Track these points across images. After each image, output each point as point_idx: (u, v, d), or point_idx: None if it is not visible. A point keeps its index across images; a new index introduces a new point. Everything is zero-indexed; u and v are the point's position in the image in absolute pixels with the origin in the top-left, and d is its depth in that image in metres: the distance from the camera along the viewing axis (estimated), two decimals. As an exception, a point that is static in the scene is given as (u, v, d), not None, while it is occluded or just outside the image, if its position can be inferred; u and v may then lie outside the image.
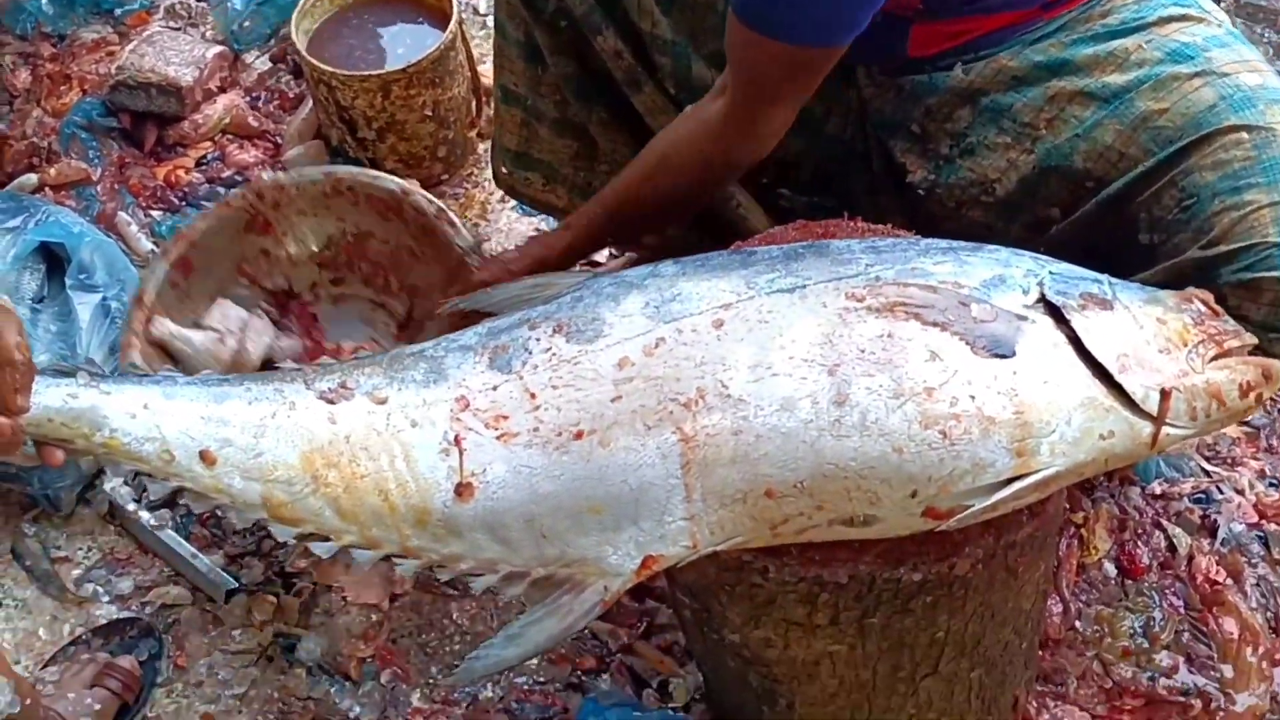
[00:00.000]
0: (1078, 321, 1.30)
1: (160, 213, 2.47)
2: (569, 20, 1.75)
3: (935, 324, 1.28)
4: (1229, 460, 2.02)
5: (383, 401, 1.34)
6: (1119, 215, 1.56)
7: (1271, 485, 2.00)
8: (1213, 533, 1.94)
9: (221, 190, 2.50)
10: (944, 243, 1.41)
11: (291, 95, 2.65)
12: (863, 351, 1.27)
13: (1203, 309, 1.37)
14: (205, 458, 1.30)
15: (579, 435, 1.29)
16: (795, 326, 1.29)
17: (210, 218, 1.96)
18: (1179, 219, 1.49)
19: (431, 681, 1.91)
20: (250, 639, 1.95)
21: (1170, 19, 1.57)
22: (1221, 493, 1.98)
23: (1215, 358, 1.31)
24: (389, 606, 1.97)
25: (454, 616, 1.97)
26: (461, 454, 1.31)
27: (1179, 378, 1.29)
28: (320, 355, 1.94)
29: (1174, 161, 1.50)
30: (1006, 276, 1.34)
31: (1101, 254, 1.47)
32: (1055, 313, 1.31)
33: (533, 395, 1.32)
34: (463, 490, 1.30)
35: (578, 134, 1.89)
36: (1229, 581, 1.88)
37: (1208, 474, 1.99)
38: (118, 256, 2.18)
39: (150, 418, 1.30)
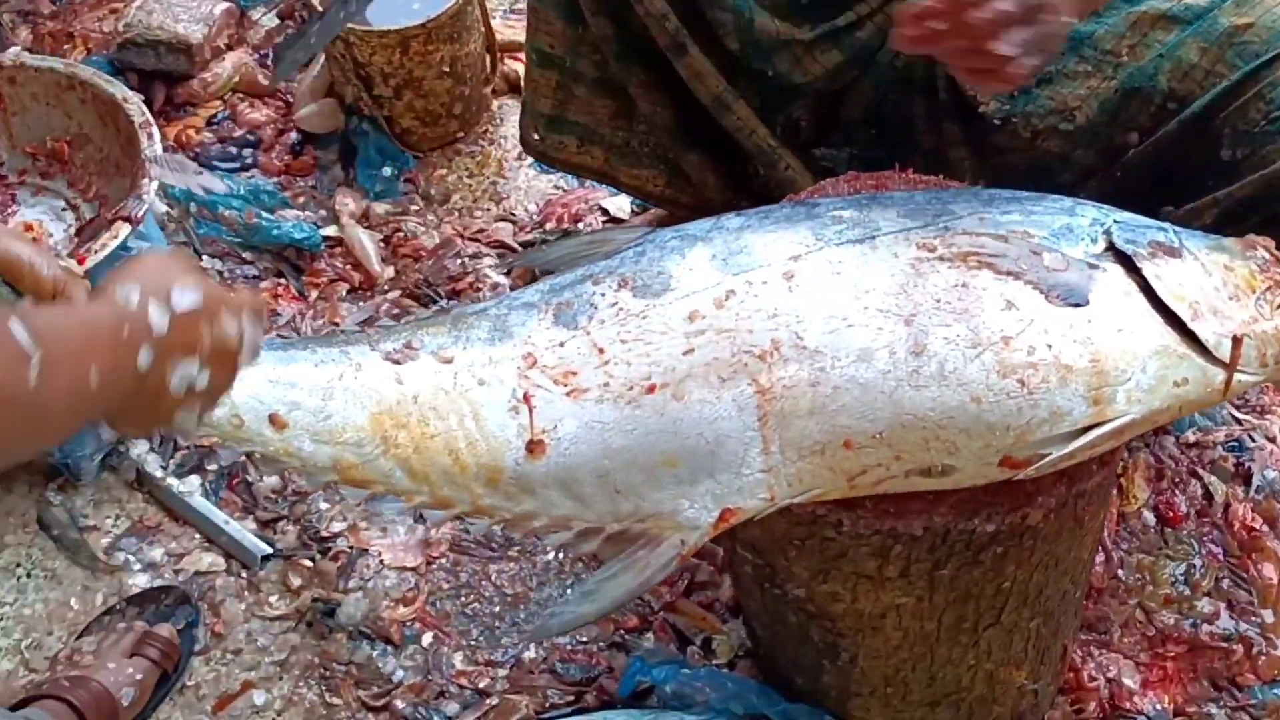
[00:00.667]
0: (1148, 269, 1.31)
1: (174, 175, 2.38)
2: None
3: (1009, 273, 1.28)
4: (1259, 409, 2.03)
5: (449, 361, 1.32)
6: (1201, 134, 1.57)
7: (1302, 431, 2.02)
8: (1247, 480, 1.95)
9: (234, 150, 2.46)
10: (1008, 192, 1.41)
11: None
12: (938, 301, 1.27)
13: (1267, 255, 1.37)
14: (275, 421, 1.27)
15: (651, 389, 1.28)
16: (868, 277, 1.29)
17: None
18: (1267, 131, 1.49)
19: (474, 644, 1.89)
20: (288, 604, 1.93)
21: None
22: (1254, 440, 1.99)
23: None
24: (426, 569, 1.96)
25: (492, 578, 1.96)
26: (531, 411, 1.30)
27: (1249, 324, 1.30)
28: None
29: (1260, 75, 1.50)
30: (1074, 225, 1.34)
31: (1177, 178, 1.49)
32: (1124, 260, 1.31)
33: (601, 350, 1.31)
34: (534, 447, 1.29)
35: (616, 94, 1.87)
36: (1265, 528, 1.90)
37: (1239, 422, 2.01)
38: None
39: None
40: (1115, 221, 1.35)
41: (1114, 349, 1.26)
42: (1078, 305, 1.28)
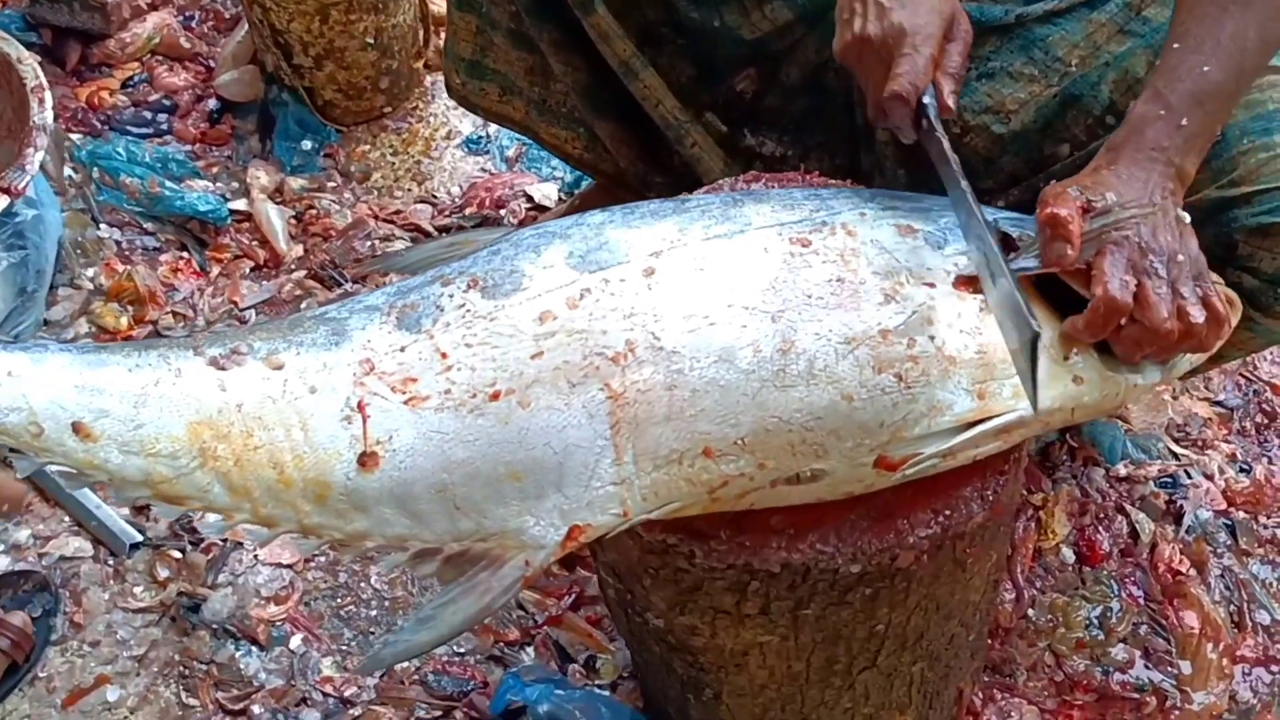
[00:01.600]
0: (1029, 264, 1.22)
1: (80, 136, 2.36)
2: None
3: (890, 267, 1.19)
4: (1199, 443, 1.93)
5: (279, 367, 1.22)
6: None
7: (1242, 470, 1.92)
8: (1178, 519, 1.85)
9: (148, 115, 2.39)
10: (890, 191, 1.33)
11: (227, 16, 2.57)
12: (809, 297, 1.18)
13: None
14: (79, 430, 1.18)
15: (495, 396, 1.18)
16: (735, 273, 1.20)
17: None
18: None
19: (345, 649, 1.80)
20: (153, 596, 1.85)
21: None
22: (1190, 477, 1.89)
23: None
24: (303, 567, 1.87)
25: (371, 580, 1.87)
26: (365, 421, 1.20)
27: None
28: None
29: None
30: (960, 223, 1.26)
31: None
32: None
33: (444, 355, 1.21)
34: (367, 460, 1.19)
35: (532, 48, 1.79)
36: (1192, 572, 1.80)
37: (1176, 457, 1.90)
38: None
39: (15, 386, 1.18)
40: (1004, 217, 1.28)
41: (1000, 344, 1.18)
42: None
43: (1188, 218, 1.22)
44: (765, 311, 1.17)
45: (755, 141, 1.78)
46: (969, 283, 1.20)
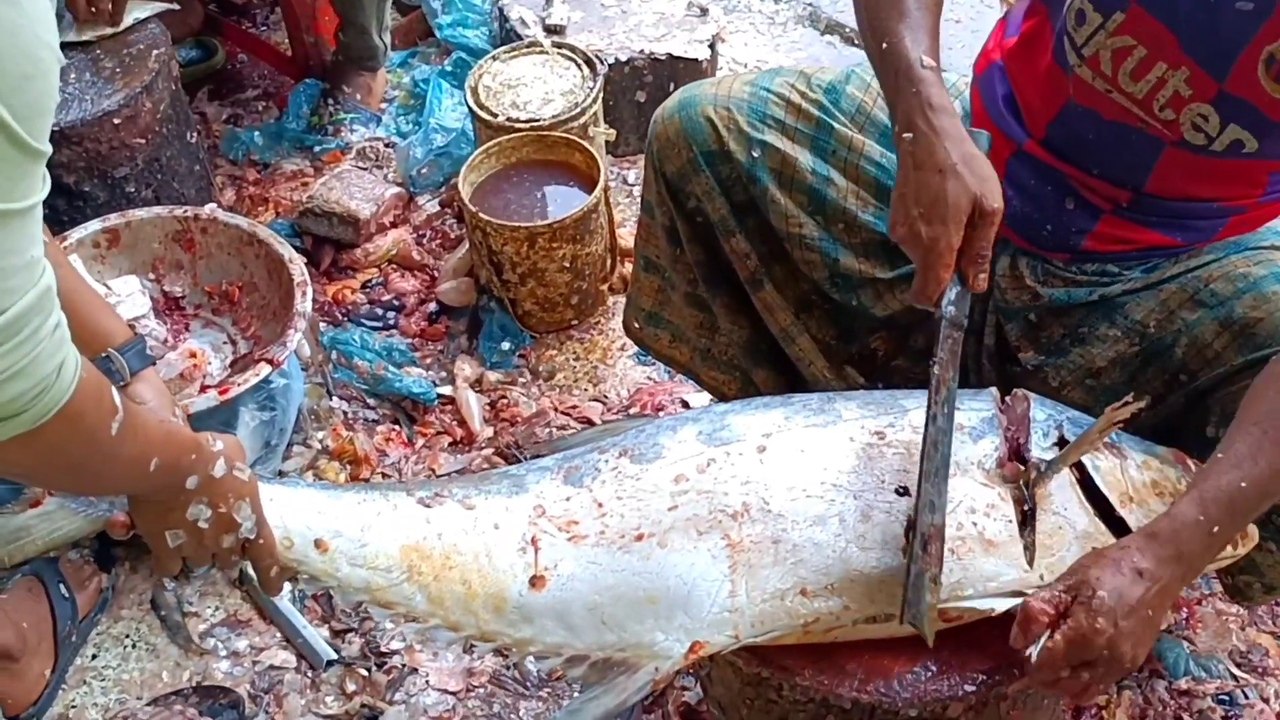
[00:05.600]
0: (1088, 462, 1.52)
1: (325, 325, 2.76)
2: (705, 219, 1.94)
3: (944, 462, 1.48)
4: (1260, 669, 2.12)
5: (471, 508, 1.55)
6: (1197, 409, 1.71)
7: (1299, 698, 2.09)
8: (1234, 734, 2.04)
9: (380, 311, 2.81)
10: (965, 391, 1.60)
11: (453, 236, 2.96)
12: (883, 482, 1.51)
13: (1192, 466, 1.58)
14: (319, 545, 1.50)
15: (640, 538, 1.51)
16: (827, 455, 1.53)
17: (151, 214, 2.49)
18: None
19: (492, 766, 2.10)
20: (340, 706, 2.17)
21: (1277, 248, 1.73)
22: (1247, 697, 2.07)
23: None
24: (465, 694, 2.18)
25: (520, 713, 2.16)
26: (537, 552, 1.52)
27: None
28: (171, 352, 2.39)
29: (1258, 366, 1.61)
30: (1033, 417, 1.56)
31: (1170, 444, 1.64)
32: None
33: (600, 504, 1.55)
34: (536, 581, 1.51)
35: (704, 308, 2.07)
36: (1243, 782, 1.97)
37: (1235, 678, 2.09)
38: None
39: (274, 508, 1.48)
40: (1067, 419, 1.57)
41: (1044, 527, 1.47)
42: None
43: (1193, 592, 1.43)
44: (849, 490, 1.50)
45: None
46: (1002, 476, 1.50)
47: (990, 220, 1.48)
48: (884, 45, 1.55)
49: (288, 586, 2.25)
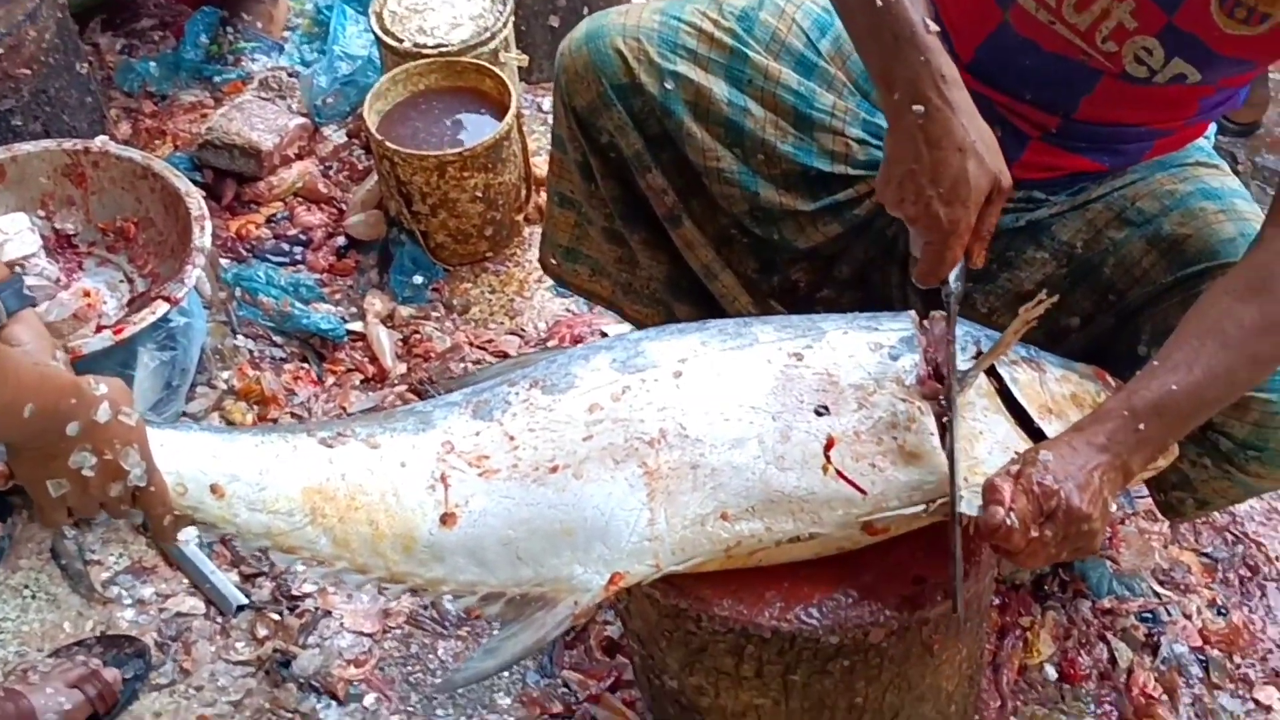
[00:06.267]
0: (1006, 372, 1.51)
1: (228, 260, 2.67)
2: (618, 154, 1.87)
3: (862, 380, 1.48)
4: (1182, 586, 2.12)
5: (376, 446, 1.49)
6: (1127, 328, 1.70)
7: (1220, 613, 2.10)
8: (1155, 650, 2.04)
9: (286, 246, 2.72)
10: (868, 314, 1.59)
11: (361, 168, 2.87)
12: (801, 402, 1.47)
13: (1112, 382, 1.58)
14: (215, 490, 1.42)
15: (554, 469, 1.46)
16: (744, 379, 1.49)
17: (38, 148, 2.39)
18: None
19: (410, 709, 2.05)
20: (252, 651, 2.11)
21: (1202, 164, 1.73)
22: (1169, 614, 2.08)
23: None
24: (381, 636, 2.13)
25: (439, 652, 2.12)
26: (447, 489, 1.47)
27: None
28: (64, 292, 2.28)
29: (1189, 282, 1.62)
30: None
31: (1101, 364, 1.62)
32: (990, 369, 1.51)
33: (511, 437, 1.49)
34: (447, 519, 1.45)
35: (622, 243, 2.02)
36: (1164, 698, 1.97)
37: (1158, 595, 2.10)
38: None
39: (166, 454, 1.41)
40: (985, 335, 1.55)
41: (964, 435, 1.45)
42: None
43: (1125, 528, 1.42)
44: (767, 412, 1.47)
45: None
46: (922, 394, 1.47)
47: (1003, 199, 1.45)
48: (878, 3, 1.45)
49: (193, 530, 2.22)
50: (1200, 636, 2.06)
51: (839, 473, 1.45)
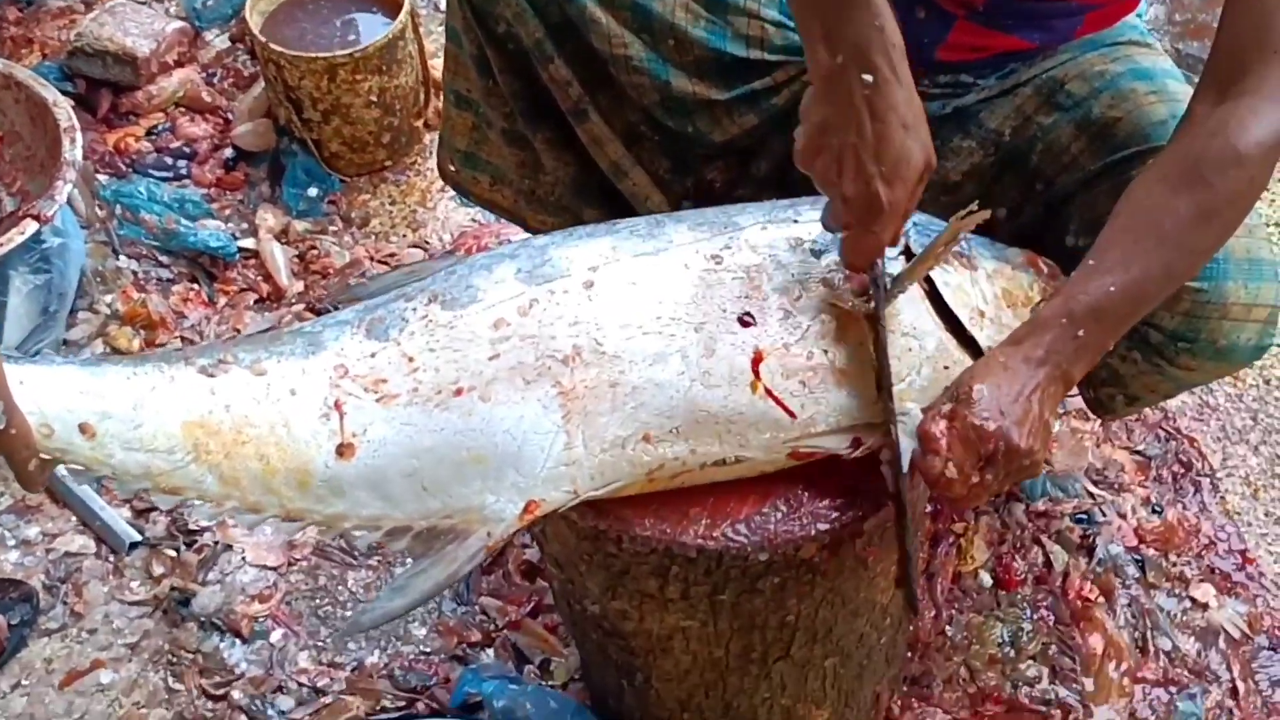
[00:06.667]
0: (938, 275, 1.42)
1: (107, 177, 2.52)
2: (517, 45, 1.76)
3: (786, 283, 1.38)
4: (1115, 485, 2.08)
5: (262, 373, 1.36)
6: (1056, 216, 1.63)
7: (1155, 512, 2.06)
8: (1090, 552, 1.99)
9: (169, 160, 2.57)
10: (788, 201, 1.47)
11: (246, 74, 2.73)
12: (724, 311, 1.36)
13: (1045, 270, 1.51)
14: (85, 430, 1.30)
15: (459, 392, 1.34)
16: (661, 287, 1.38)
17: None
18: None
19: (320, 644, 1.95)
20: (147, 591, 2.00)
21: (1134, 43, 1.65)
22: (1104, 515, 2.03)
23: None
24: (286, 569, 2.02)
25: (349, 584, 2.02)
26: (342, 417, 1.34)
27: None
28: None
29: (1119, 168, 1.55)
30: None
31: None
32: None
33: (410, 359, 1.37)
34: (344, 450, 1.34)
35: (524, 145, 1.92)
36: (1100, 599, 1.93)
37: (1092, 496, 2.05)
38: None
39: (28, 393, 1.28)
40: (913, 225, 1.44)
41: (894, 350, 1.36)
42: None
43: (1056, 427, 1.35)
44: (689, 323, 1.35)
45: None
46: (850, 298, 1.37)
47: (928, 177, 1.34)
48: None
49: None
50: (1135, 536, 2.02)
51: (768, 391, 1.35)
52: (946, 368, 1.38)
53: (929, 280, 1.42)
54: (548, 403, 1.34)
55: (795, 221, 1.44)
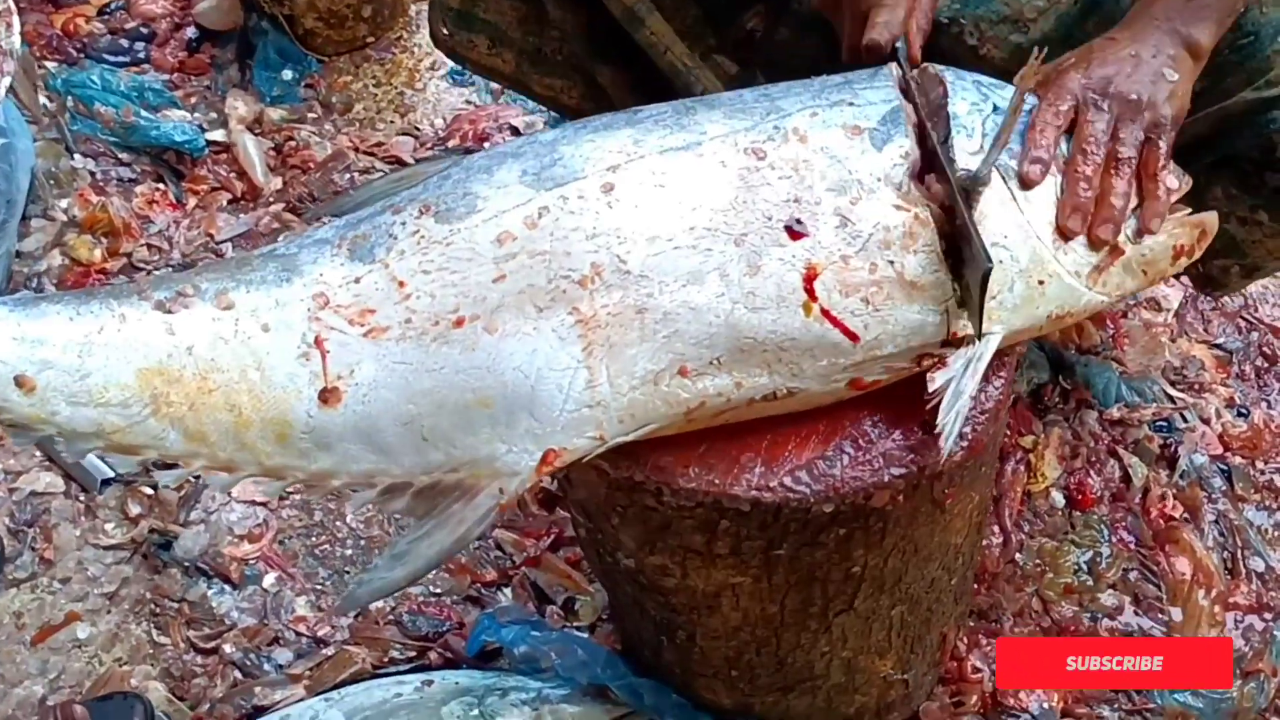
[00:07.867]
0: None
1: (55, 64, 2.38)
2: None
3: (842, 181, 1.17)
4: (1196, 386, 1.89)
5: (229, 307, 1.19)
6: None
7: (1240, 415, 1.88)
8: (1172, 464, 1.82)
9: (125, 43, 2.42)
10: (839, 78, 1.28)
11: None
12: (769, 219, 1.16)
13: None
14: (22, 384, 1.15)
15: (459, 322, 1.16)
16: (694, 190, 1.17)
17: None
18: (1230, 60, 1.39)
19: (319, 588, 1.78)
20: (124, 533, 1.85)
21: None
22: (1185, 421, 1.85)
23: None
24: (277, 505, 1.86)
25: (347, 518, 1.86)
26: (324, 356, 1.17)
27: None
28: None
29: None
30: (952, 112, 1.24)
31: None
32: None
33: (401, 283, 1.17)
34: (328, 396, 1.16)
35: None
36: (1185, 517, 1.77)
37: (1171, 400, 1.86)
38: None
39: None
40: (995, 108, 1.25)
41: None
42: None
43: (1183, 86, 1.23)
44: (728, 234, 1.15)
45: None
46: (921, 194, 1.18)
47: None
48: None
49: None
50: (1221, 443, 1.84)
51: (824, 312, 1.14)
52: (1042, 282, 1.19)
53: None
54: (564, 333, 1.15)
55: (851, 104, 1.21)
